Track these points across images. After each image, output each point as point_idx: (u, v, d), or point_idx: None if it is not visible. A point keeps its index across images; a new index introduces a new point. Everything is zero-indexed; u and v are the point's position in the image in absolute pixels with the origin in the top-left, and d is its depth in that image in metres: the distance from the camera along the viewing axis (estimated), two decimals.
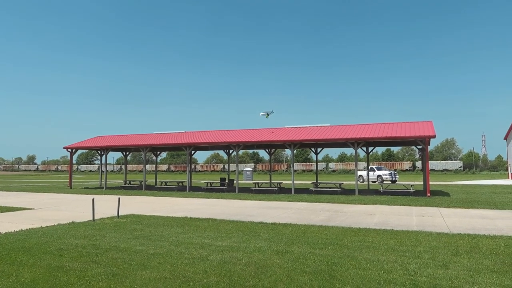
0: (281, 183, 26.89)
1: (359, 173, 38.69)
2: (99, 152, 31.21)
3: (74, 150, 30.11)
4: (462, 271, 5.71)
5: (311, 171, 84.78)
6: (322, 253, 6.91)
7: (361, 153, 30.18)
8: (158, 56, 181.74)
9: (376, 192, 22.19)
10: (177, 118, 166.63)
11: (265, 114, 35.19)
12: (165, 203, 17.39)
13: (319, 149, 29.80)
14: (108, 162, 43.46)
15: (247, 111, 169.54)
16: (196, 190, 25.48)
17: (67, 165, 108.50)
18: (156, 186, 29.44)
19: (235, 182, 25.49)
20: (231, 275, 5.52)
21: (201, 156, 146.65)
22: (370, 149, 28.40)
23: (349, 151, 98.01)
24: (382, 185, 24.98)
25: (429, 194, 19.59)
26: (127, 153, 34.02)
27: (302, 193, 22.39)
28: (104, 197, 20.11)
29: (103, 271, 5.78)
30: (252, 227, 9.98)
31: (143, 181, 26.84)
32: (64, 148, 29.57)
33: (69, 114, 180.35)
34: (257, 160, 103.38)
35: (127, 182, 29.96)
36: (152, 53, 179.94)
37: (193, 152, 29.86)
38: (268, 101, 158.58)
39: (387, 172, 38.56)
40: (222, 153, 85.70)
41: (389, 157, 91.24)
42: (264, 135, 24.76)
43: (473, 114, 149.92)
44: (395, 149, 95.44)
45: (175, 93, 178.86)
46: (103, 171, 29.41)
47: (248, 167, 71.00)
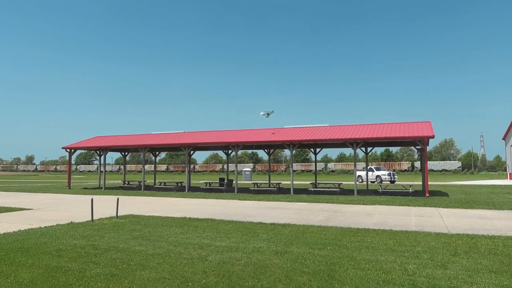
0: (280, 183, 26.90)
1: (358, 173, 38.72)
2: (98, 152, 31.18)
3: (73, 150, 30.08)
4: (460, 271, 5.72)
5: (310, 171, 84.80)
6: (321, 253, 6.91)
7: (360, 153, 30.22)
8: (158, 56, 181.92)
9: (375, 193, 22.21)
10: (176, 118, 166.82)
11: (266, 114, 35.21)
12: (164, 203, 17.38)
13: (318, 149, 29.82)
14: (107, 162, 43.61)
15: (246, 111, 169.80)
16: (195, 190, 25.47)
17: (66, 165, 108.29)
18: (155, 186, 29.42)
19: (234, 182, 25.48)
20: (230, 276, 5.52)
21: (200, 156, 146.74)
22: (369, 149, 28.43)
23: (348, 151, 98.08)
24: (381, 185, 25.02)
25: (428, 194, 19.61)
26: (126, 153, 34.00)
27: (301, 193, 22.39)
28: (103, 198, 20.09)
29: (102, 271, 5.78)
30: (251, 227, 9.98)
31: (142, 181, 26.84)
32: (63, 148, 29.52)
33: (68, 114, 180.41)
34: (256, 160, 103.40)
35: (126, 182, 29.93)
36: (152, 53, 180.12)
37: (192, 152, 29.83)
38: (268, 101, 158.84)
39: (386, 172, 38.60)
40: (221, 153, 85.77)
41: (388, 157, 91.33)
42: (263, 135, 24.76)
43: (471, 114, 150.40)
44: (394, 149, 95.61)
45: (174, 93, 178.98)
46: (102, 171, 29.38)
47: (247, 167, 70.98)
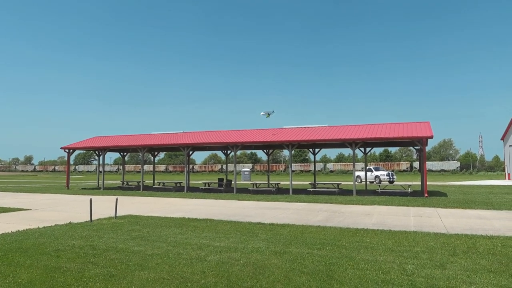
0: (279, 183, 26.89)
1: (357, 173, 38.73)
2: (97, 152, 31.14)
3: (71, 151, 30.03)
4: (459, 271, 5.73)
5: (309, 171, 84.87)
6: (320, 253, 6.91)
7: (359, 153, 30.23)
8: (157, 56, 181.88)
9: (374, 193, 22.23)
10: (175, 119, 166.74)
11: (266, 114, 35.20)
12: (163, 203, 17.36)
13: (317, 150, 29.84)
14: (105, 162, 43.52)
15: (246, 111, 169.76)
16: (194, 191, 25.46)
17: (64, 166, 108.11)
18: (154, 186, 29.38)
19: (233, 182, 25.47)
20: (229, 276, 5.52)
21: (199, 157, 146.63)
22: (368, 149, 28.47)
23: (347, 151, 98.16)
24: (380, 185, 25.04)
25: (426, 195, 19.64)
26: (125, 153, 33.97)
27: (300, 193, 22.39)
28: (102, 198, 20.07)
29: (100, 272, 5.77)
30: (250, 227, 9.98)
31: (140, 181, 26.81)
32: (62, 148, 29.46)
33: (67, 114, 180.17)
34: (255, 160, 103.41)
35: (125, 182, 29.90)
36: (151, 53, 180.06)
37: (191, 152, 29.82)
38: (267, 101, 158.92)
39: (385, 172, 38.63)
40: (220, 153, 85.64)
41: (387, 158, 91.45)
42: (262, 135, 24.76)
43: (470, 115, 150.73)
44: (393, 149, 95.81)
45: (173, 93, 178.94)
46: (101, 172, 29.34)
47: (246, 168, 70.96)
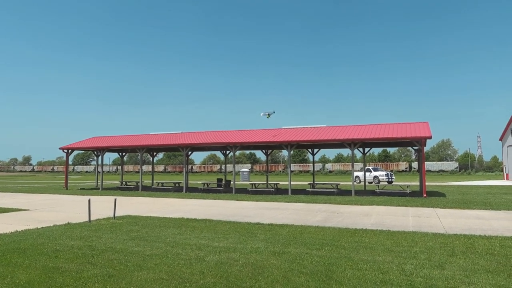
0: (278, 183, 26.90)
1: (355, 174, 38.78)
2: (95, 152, 31.11)
3: (70, 151, 29.98)
4: (458, 271, 5.74)
5: (308, 171, 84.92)
6: (319, 253, 6.92)
7: (358, 154, 30.28)
8: (156, 56, 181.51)
9: (373, 193, 22.25)
10: (175, 119, 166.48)
11: (266, 114, 35.26)
12: (162, 204, 17.35)
13: (316, 150, 29.86)
14: (104, 163, 43.33)
15: (246, 111, 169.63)
16: (192, 191, 25.44)
17: (63, 166, 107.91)
18: (153, 187, 29.36)
19: (231, 183, 25.47)
20: (228, 276, 5.52)
21: (197, 157, 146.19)
22: (366, 150, 28.51)
23: (345, 152, 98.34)
24: (378, 186, 25.08)
25: (425, 195, 19.67)
26: (124, 153, 33.93)
27: (299, 193, 22.40)
28: (100, 198, 20.04)
29: (99, 272, 5.76)
30: (249, 228, 9.97)
31: (139, 182, 26.79)
32: (60, 148, 29.40)
33: (65, 114, 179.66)
34: (254, 161, 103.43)
35: (124, 183, 29.87)
36: (150, 53, 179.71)
37: (189, 153, 29.82)
38: (266, 101, 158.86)
39: (384, 173, 38.67)
40: (219, 153, 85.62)
41: (385, 158, 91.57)
42: (261, 136, 24.76)
43: (469, 115, 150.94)
44: (392, 150, 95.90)
45: (173, 93, 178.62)
46: (99, 172, 29.30)
47: (245, 168, 70.95)
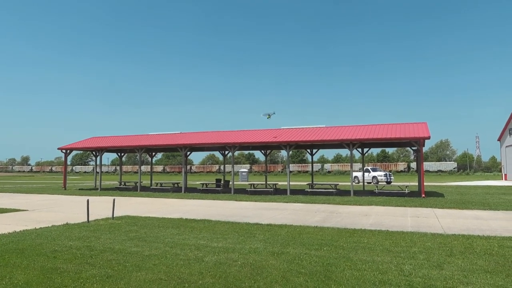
0: (277, 184, 26.89)
1: (354, 174, 38.81)
2: (94, 153, 31.07)
3: (68, 151, 29.93)
4: (456, 271, 5.75)
5: (307, 172, 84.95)
6: (318, 254, 6.92)
7: (357, 154, 30.28)
8: (155, 56, 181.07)
9: (371, 193, 22.26)
10: (174, 119, 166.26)
11: (267, 115, 35.43)
12: (161, 204, 17.33)
13: (314, 150, 29.88)
14: (103, 163, 43.19)
15: (245, 111, 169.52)
16: (191, 191, 25.43)
17: (61, 166, 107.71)
18: (152, 187, 29.33)
19: (230, 183, 25.46)
20: (227, 277, 5.51)
21: (196, 157, 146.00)
22: (365, 150, 28.53)
23: (344, 152, 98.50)
24: (377, 186, 25.10)
25: (423, 195, 19.69)
26: (122, 154, 33.89)
27: (297, 194, 22.40)
28: (99, 198, 20.00)
29: (97, 272, 5.75)
30: (247, 228, 9.97)
31: (138, 182, 26.75)
32: (59, 149, 29.35)
33: (64, 115, 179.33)
34: (252, 161, 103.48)
35: (122, 183, 29.83)
36: (149, 53, 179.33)
37: (188, 153, 29.80)
38: (266, 101, 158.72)
39: (382, 173, 38.71)
40: (217, 154, 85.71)
41: (384, 158, 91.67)
42: (260, 136, 24.76)
43: (467, 115, 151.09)
44: (390, 150, 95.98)
45: (172, 93, 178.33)
46: (98, 172, 29.25)
47: (244, 168, 70.98)
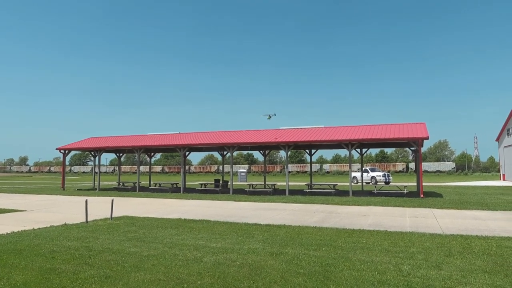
0: (276, 184, 26.90)
1: (353, 174, 38.85)
2: (93, 153, 31.01)
3: (67, 151, 29.87)
4: (455, 271, 5.76)
5: (305, 172, 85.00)
6: (317, 254, 6.92)
7: (355, 154, 30.33)
8: (153, 57, 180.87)
9: (370, 193, 22.29)
10: (173, 119, 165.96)
11: (267, 116, 35.68)
12: (159, 204, 17.31)
13: (313, 151, 29.88)
14: (101, 163, 43.11)
15: (244, 111, 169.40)
16: (190, 192, 25.41)
17: (60, 167, 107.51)
18: (150, 187, 29.31)
19: (229, 183, 25.45)
20: (225, 277, 5.51)
21: (195, 158, 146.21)
22: (364, 150, 28.55)
23: (343, 152, 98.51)
24: (376, 186, 25.12)
25: (422, 195, 19.72)
26: (121, 154, 33.84)
27: (296, 194, 22.41)
28: (97, 199, 19.97)
29: (96, 273, 5.74)
30: (246, 228, 9.97)
31: (137, 182, 26.71)
32: (57, 149, 29.30)
33: (62, 115, 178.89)
34: (251, 161, 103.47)
35: (121, 183, 29.80)
36: (147, 53, 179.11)
37: (187, 153, 29.78)
38: (265, 101, 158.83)
39: (381, 173, 38.75)
40: (216, 154, 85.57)
41: (382, 159, 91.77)
42: (258, 136, 24.76)
43: (465, 116, 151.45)
44: (389, 150, 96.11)
45: (171, 93, 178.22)
46: (97, 173, 29.21)
47: (243, 169, 70.94)
